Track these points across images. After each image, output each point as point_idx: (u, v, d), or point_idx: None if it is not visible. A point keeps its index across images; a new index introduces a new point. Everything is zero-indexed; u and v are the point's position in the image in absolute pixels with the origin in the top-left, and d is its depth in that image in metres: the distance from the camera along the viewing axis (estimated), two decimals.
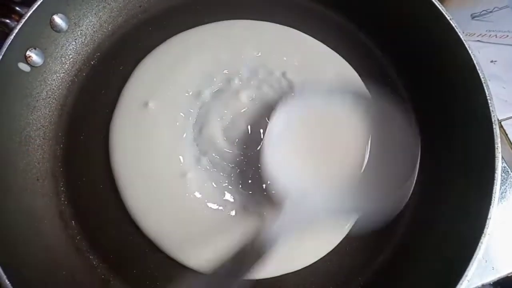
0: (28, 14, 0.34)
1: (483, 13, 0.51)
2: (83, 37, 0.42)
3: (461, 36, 0.37)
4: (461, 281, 0.30)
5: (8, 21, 0.36)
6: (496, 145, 0.34)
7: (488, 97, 0.35)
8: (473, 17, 0.52)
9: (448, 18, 0.37)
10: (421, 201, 0.39)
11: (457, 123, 0.39)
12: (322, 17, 0.45)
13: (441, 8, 0.38)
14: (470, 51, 0.36)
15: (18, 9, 0.37)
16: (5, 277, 0.29)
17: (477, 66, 0.36)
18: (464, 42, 0.36)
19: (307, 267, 0.36)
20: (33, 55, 0.36)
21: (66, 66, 0.41)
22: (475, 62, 0.36)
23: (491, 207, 0.32)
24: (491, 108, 0.35)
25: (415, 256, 0.37)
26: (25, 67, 0.36)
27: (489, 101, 0.35)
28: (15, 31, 0.34)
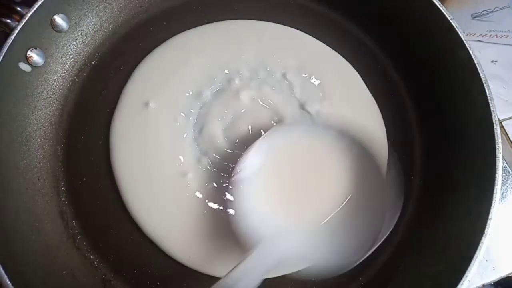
0: (29, 14, 0.34)
1: (483, 13, 0.51)
2: (84, 37, 0.42)
3: (461, 36, 0.37)
4: (462, 281, 0.30)
5: (9, 21, 0.36)
6: (497, 145, 0.34)
7: (488, 97, 0.35)
8: (473, 17, 0.52)
9: (448, 18, 0.37)
10: (421, 201, 0.39)
11: (457, 123, 0.39)
12: (323, 17, 0.45)
13: (441, 8, 0.38)
14: (471, 51, 0.36)
15: (19, 9, 0.37)
16: (5, 276, 0.29)
17: (477, 66, 0.36)
18: (464, 42, 0.36)
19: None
20: (34, 55, 0.36)
21: (67, 66, 0.41)
22: (475, 62, 0.36)
23: (492, 207, 0.32)
24: (491, 108, 0.35)
25: (415, 256, 0.37)
26: (26, 67, 0.36)
27: (489, 101, 0.35)
28: (16, 31, 0.34)
